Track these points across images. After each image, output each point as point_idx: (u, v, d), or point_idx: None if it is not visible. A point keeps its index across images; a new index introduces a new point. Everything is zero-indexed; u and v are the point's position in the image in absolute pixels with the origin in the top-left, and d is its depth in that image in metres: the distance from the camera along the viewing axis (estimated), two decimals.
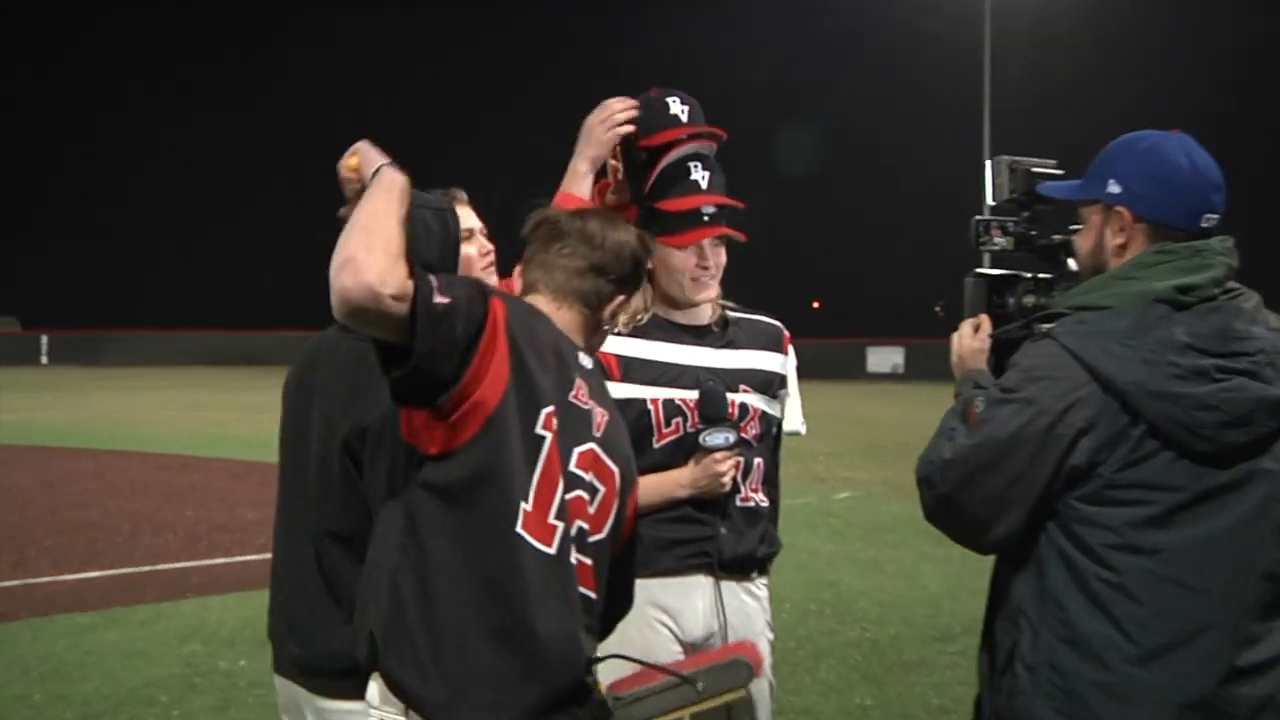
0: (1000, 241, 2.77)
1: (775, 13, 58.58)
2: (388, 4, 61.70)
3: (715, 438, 3.12)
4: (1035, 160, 2.77)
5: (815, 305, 57.94)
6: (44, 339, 44.65)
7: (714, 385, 3.17)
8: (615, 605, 2.58)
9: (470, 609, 2.24)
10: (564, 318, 2.52)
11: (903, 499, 12.16)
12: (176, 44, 64.45)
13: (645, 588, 2.93)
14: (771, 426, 3.33)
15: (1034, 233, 2.79)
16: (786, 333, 3.41)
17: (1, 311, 49.64)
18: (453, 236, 2.74)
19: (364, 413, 2.55)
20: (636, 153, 3.23)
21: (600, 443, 2.43)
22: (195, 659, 6.43)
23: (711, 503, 3.17)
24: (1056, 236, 2.77)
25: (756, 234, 3.34)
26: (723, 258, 3.24)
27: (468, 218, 3.13)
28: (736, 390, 3.22)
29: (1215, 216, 2.45)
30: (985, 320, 2.74)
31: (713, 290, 3.24)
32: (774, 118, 53.25)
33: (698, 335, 3.25)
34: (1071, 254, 2.69)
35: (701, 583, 3.18)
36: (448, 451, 2.27)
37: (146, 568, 8.83)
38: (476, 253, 3.18)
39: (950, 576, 8.60)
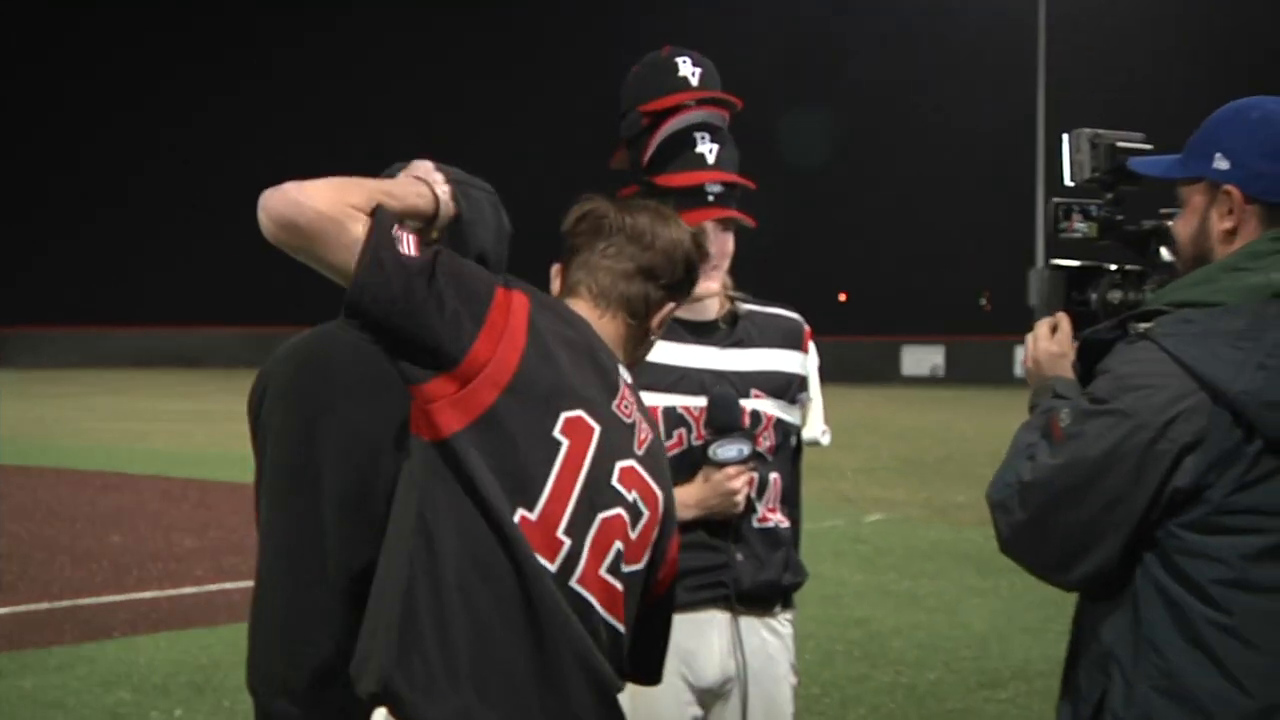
0: (1082, 228, 2.76)
1: None
2: (386, 4, 62.91)
3: (727, 450, 3.12)
4: (1120, 133, 2.75)
5: (841, 299, 58.05)
6: None
7: (724, 390, 3.16)
8: (648, 654, 2.63)
9: (490, 619, 2.32)
10: (607, 327, 2.56)
11: (944, 522, 12.22)
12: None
13: None
14: (789, 437, 3.33)
15: (1120, 218, 2.77)
16: (807, 328, 3.40)
17: None
18: (506, 227, 2.73)
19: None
20: (636, 119, 3.22)
21: (643, 462, 2.49)
22: (122, 708, 6.42)
23: (724, 525, 3.17)
24: (1147, 222, 2.75)
25: (775, 217, 3.33)
26: (730, 244, 3.23)
27: None
28: (748, 395, 3.22)
29: None
30: (1064, 319, 2.72)
31: (716, 282, 3.22)
32: (798, 91, 53.65)
33: (702, 333, 3.23)
34: (1165, 242, 2.69)
35: (717, 619, 3.19)
36: (442, 439, 2.32)
37: (65, 603, 8.82)
38: None
39: (999, 613, 8.63)
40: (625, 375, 2.55)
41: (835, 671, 7.23)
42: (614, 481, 2.43)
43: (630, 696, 2.79)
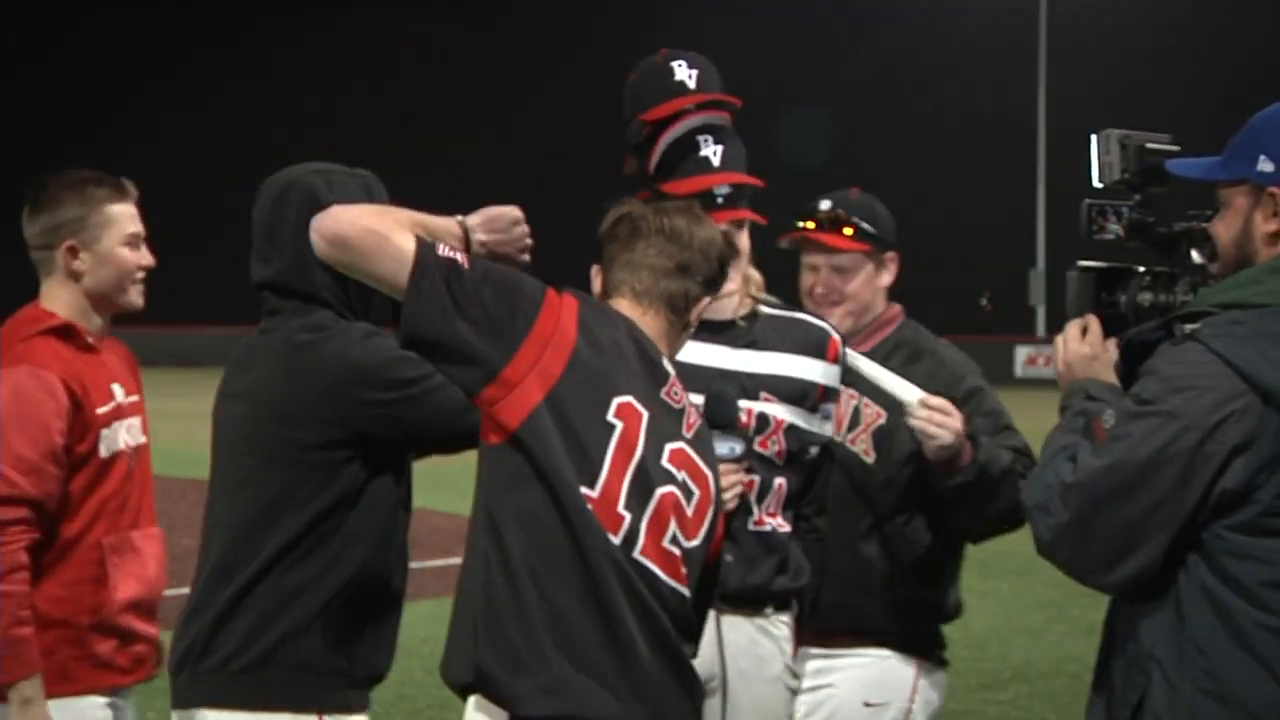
0: (1114, 229, 2.76)
1: None
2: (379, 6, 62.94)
3: (719, 448, 3.10)
4: (1149, 134, 2.76)
5: None
6: None
7: (721, 387, 3.15)
8: (702, 615, 2.78)
9: (558, 593, 2.52)
10: (650, 323, 2.72)
11: None
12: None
13: None
14: (808, 446, 3.29)
15: (1151, 219, 2.77)
16: (835, 336, 3.35)
17: None
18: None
19: None
20: (638, 128, 3.23)
21: (692, 444, 2.67)
22: None
23: None
24: (1179, 224, 2.75)
25: (777, 219, 3.36)
26: (745, 241, 3.23)
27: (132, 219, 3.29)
28: (756, 398, 3.20)
29: None
30: (1094, 321, 2.71)
31: (735, 281, 3.21)
32: (794, 100, 53.63)
33: (716, 331, 3.21)
34: (1198, 244, 2.69)
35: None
36: (504, 436, 2.55)
37: None
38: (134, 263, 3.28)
39: (998, 614, 8.61)
40: (670, 367, 2.72)
41: None
42: (664, 461, 2.61)
43: None
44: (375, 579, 2.92)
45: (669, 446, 2.62)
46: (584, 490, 2.53)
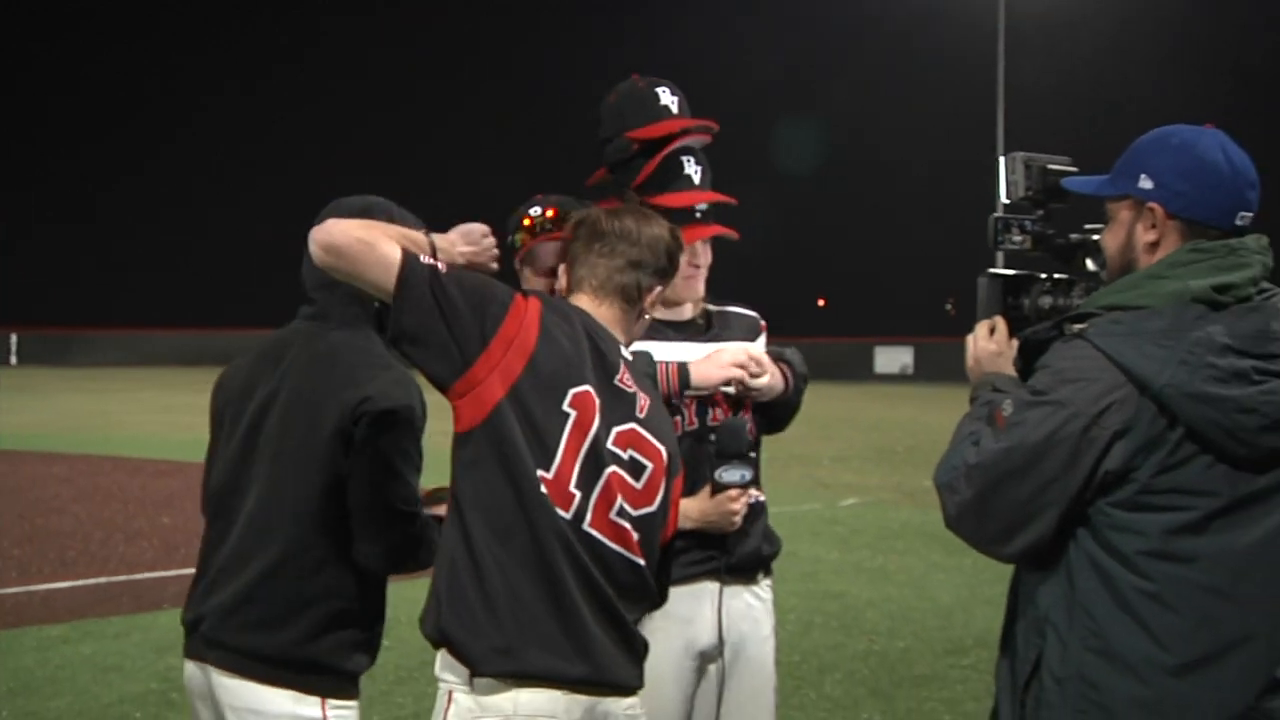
0: (1018, 240, 2.79)
1: (775, 5, 58.93)
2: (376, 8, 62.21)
3: (731, 474, 3.20)
4: (1050, 156, 2.78)
5: (820, 304, 57.93)
6: (14, 337, 44.57)
7: (734, 420, 3.24)
8: (663, 577, 2.84)
9: (514, 566, 2.59)
10: (605, 313, 2.81)
11: (912, 505, 12.20)
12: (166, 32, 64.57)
13: None
14: (758, 417, 3.38)
15: (1051, 231, 2.80)
16: (762, 322, 3.48)
17: None
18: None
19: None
20: (625, 143, 3.25)
21: (644, 424, 2.74)
22: (173, 674, 6.37)
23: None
24: (1075, 236, 2.78)
25: (758, 229, 3.39)
26: (710, 255, 3.31)
27: None
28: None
29: (1250, 214, 2.47)
30: (1000, 322, 2.75)
31: (700, 287, 3.31)
32: (776, 110, 53.41)
33: (683, 330, 3.32)
34: (1090, 254, 2.72)
35: (709, 589, 3.25)
36: (470, 426, 2.61)
37: (121, 577, 8.82)
38: None
39: (962, 586, 8.64)
40: (625, 354, 2.79)
41: (813, 640, 7.24)
42: (610, 444, 2.67)
43: None
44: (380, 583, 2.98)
45: (617, 429, 2.68)
46: (540, 473, 2.59)
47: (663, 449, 2.74)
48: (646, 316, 2.88)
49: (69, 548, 9.77)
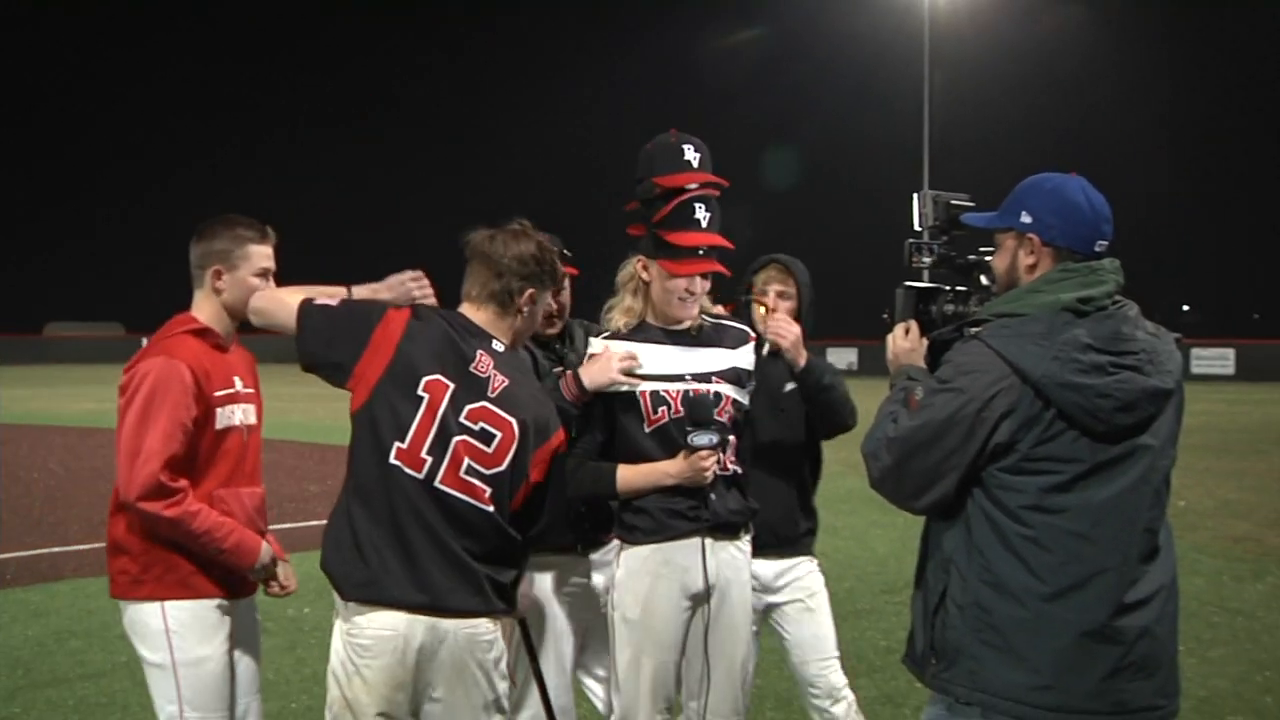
0: (927, 260, 2.82)
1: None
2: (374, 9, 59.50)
3: (700, 438, 3.22)
4: (953, 194, 2.82)
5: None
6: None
7: (703, 395, 3.26)
8: (530, 521, 2.89)
9: (372, 520, 2.72)
10: (483, 316, 2.87)
11: (855, 475, 12.04)
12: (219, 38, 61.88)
13: (661, 550, 3.19)
14: (741, 412, 3.38)
15: (953, 254, 2.84)
16: (752, 335, 3.48)
17: (106, 318, 49.83)
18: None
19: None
20: (651, 186, 3.27)
21: (496, 401, 2.80)
22: (267, 607, 6.32)
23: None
24: (971, 257, 2.82)
25: (740, 242, 3.44)
26: (707, 285, 3.33)
27: (265, 257, 3.19)
28: (711, 381, 3.30)
29: (1106, 243, 2.52)
30: (914, 325, 2.78)
31: (695, 311, 3.32)
32: (759, 137, 52.70)
33: (680, 339, 3.33)
34: (984, 271, 2.75)
35: (700, 544, 3.26)
36: (355, 410, 2.78)
37: None
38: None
39: (895, 540, 8.63)
40: (495, 346, 2.84)
41: None
42: (462, 418, 2.76)
43: (641, 603, 3.13)
44: None
45: (469, 406, 2.76)
46: (396, 444, 2.72)
47: (513, 421, 2.79)
48: (525, 314, 2.87)
49: None
